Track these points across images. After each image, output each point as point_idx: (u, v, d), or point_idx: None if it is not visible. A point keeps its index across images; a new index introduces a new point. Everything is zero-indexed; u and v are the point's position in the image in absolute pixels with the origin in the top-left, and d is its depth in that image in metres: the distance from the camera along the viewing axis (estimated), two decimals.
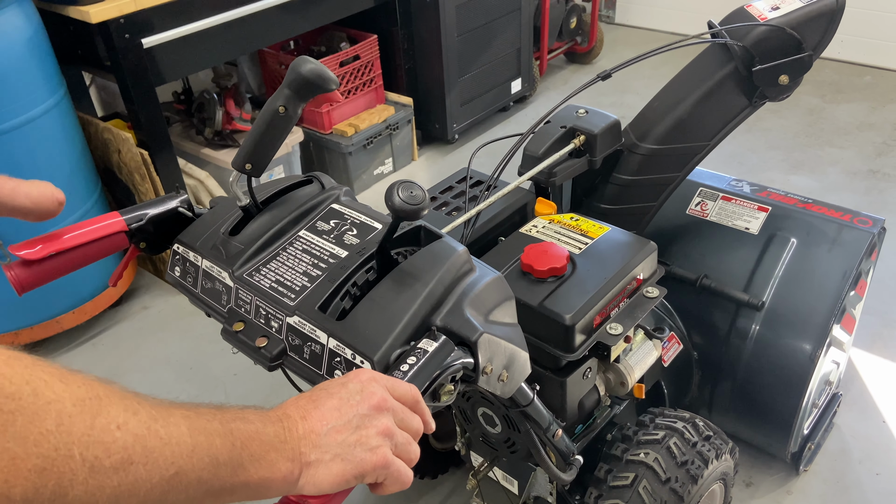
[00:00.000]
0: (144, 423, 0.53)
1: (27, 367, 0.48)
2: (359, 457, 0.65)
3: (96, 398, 0.51)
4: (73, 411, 0.48)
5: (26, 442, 0.45)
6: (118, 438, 0.50)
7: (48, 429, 0.46)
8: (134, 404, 0.54)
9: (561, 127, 1.52)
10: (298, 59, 0.89)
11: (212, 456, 0.57)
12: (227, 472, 0.58)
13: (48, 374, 0.49)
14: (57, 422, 0.47)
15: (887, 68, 4.00)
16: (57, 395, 0.48)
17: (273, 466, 0.61)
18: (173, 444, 0.54)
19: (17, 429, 0.45)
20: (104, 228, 0.93)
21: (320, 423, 0.65)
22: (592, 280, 1.26)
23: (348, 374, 0.72)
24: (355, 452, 0.65)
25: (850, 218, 1.67)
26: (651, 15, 4.78)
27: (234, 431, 0.59)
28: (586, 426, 1.45)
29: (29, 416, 0.46)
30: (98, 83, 3.10)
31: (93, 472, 0.48)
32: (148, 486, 0.52)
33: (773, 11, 1.41)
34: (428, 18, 3.19)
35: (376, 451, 0.66)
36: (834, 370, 1.84)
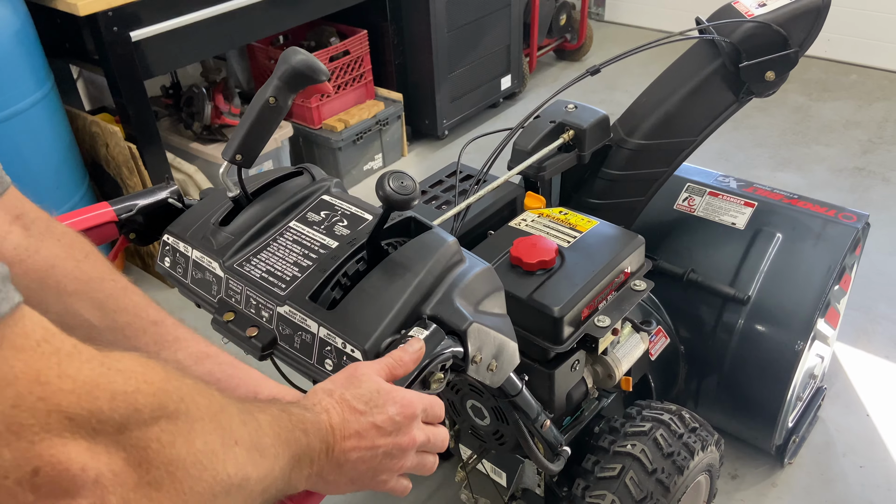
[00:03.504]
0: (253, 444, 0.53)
1: (176, 379, 0.48)
2: (367, 484, 0.67)
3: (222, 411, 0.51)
4: (210, 428, 0.49)
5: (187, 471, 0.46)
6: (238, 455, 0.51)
7: (199, 449, 0.47)
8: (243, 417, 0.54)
9: (550, 122, 1.53)
10: (289, 50, 0.89)
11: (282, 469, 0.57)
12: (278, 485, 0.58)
13: (188, 386, 0.49)
14: (203, 441, 0.47)
15: (873, 67, 4.04)
16: (200, 413, 0.48)
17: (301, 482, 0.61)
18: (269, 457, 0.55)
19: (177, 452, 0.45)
20: (93, 219, 0.93)
21: (354, 451, 0.64)
22: (581, 273, 1.27)
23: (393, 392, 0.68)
24: (365, 481, 0.67)
25: (835, 213, 1.69)
26: (640, 12, 4.80)
27: (290, 443, 0.59)
28: (574, 418, 1.47)
29: (185, 436, 0.46)
30: (85, 77, 3.08)
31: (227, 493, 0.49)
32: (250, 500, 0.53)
33: (760, 8, 1.42)
34: (418, 14, 3.20)
35: (386, 483, 0.69)
36: (818, 364, 1.86)
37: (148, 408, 0.43)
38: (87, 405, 0.39)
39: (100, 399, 0.40)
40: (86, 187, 2.43)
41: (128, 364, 0.44)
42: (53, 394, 0.38)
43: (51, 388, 0.38)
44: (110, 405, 0.40)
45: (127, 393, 0.42)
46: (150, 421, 0.43)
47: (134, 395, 0.42)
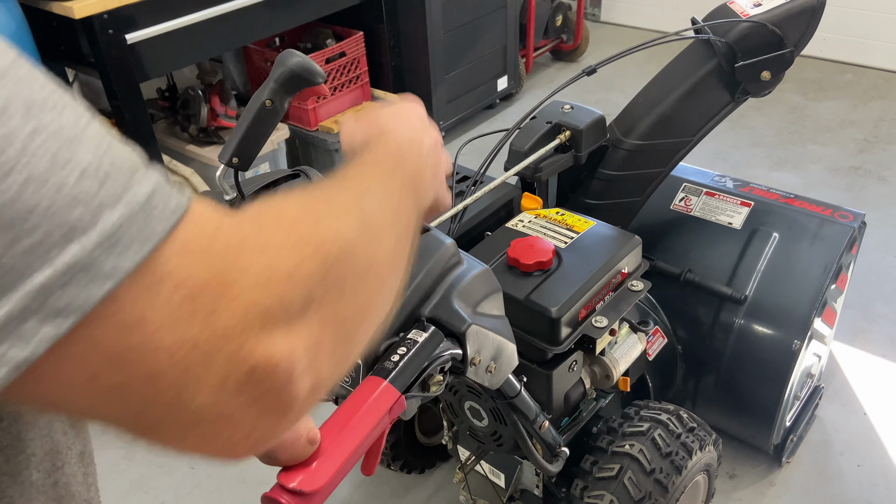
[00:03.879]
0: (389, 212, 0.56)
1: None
2: (436, 181, 0.73)
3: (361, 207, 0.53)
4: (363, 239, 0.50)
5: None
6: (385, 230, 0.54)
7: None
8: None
9: (546, 122, 1.53)
10: (285, 53, 0.89)
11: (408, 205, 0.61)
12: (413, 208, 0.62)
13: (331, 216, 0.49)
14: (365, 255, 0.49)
15: (868, 66, 4.05)
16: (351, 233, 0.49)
17: (428, 195, 0.69)
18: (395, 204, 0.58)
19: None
20: None
21: (429, 157, 0.72)
22: (578, 274, 1.27)
23: (408, 110, 0.76)
24: (435, 175, 0.73)
25: (831, 213, 1.70)
26: (636, 13, 4.81)
27: (405, 176, 0.63)
28: (572, 419, 1.47)
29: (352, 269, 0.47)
30: (81, 80, 3.08)
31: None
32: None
33: (756, 8, 1.43)
34: (414, 15, 3.20)
35: (442, 186, 0.76)
36: (815, 363, 1.86)
37: (317, 269, 0.43)
38: (273, 294, 0.40)
39: (279, 284, 0.40)
40: None
41: (282, 235, 0.43)
42: (241, 292, 0.38)
43: (237, 287, 0.38)
44: (290, 286, 0.41)
45: (298, 266, 0.42)
46: (324, 278, 0.44)
47: (302, 265, 0.42)
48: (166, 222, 0.36)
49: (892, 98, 3.74)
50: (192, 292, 0.36)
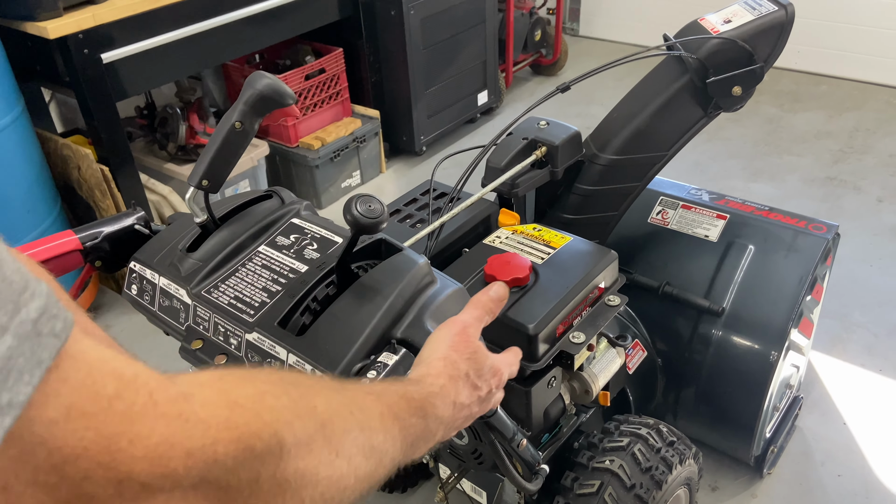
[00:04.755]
0: (363, 443, 0.55)
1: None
2: (461, 425, 0.74)
3: (326, 426, 0.51)
4: (308, 453, 0.48)
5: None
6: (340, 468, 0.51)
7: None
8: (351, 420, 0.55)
9: (522, 139, 1.53)
10: (254, 75, 0.89)
11: (392, 459, 0.60)
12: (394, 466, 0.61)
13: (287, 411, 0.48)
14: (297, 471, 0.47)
15: (843, 77, 4.12)
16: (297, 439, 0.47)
17: (419, 454, 0.66)
18: (379, 454, 0.57)
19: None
20: (58, 247, 0.92)
21: (461, 419, 0.73)
22: (555, 289, 1.27)
23: (496, 364, 0.79)
24: (460, 423, 0.74)
25: (805, 224, 1.72)
26: (614, 27, 4.86)
27: (410, 429, 0.62)
28: (552, 435, 1.46)
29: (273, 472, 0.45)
30: (58, 98, 3.06)
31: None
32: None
33: (726, 24, 1.45)
34: (393, 31, 3.21)
35: (471, 418, 0.77)
36: (794, 374, 1.87)
37: (230, 457, 0.40)
38: (160, 469, 0.37)
39: (174, 460, 0.37)
40: (58, 211, 2.40)
41: (210, 409, 0.40)
42: (124, 462, 0.36)
43: (122, 455, 0.36)
44: (185, 464, 0.38)
45: (204, 447, 0.39)
46: (232, 468, 0.41)
47: (213, 447, 0.39)
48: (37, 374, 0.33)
49: (867, 109, 3.80)
50: (66, 459, 0.34)
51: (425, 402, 0.66)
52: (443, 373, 0.71)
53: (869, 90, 3.99)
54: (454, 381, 0.71)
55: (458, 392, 0.71)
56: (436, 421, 0.67)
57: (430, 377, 0.70)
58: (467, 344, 0.75)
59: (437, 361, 0.72)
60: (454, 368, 0.72)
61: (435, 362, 0.72)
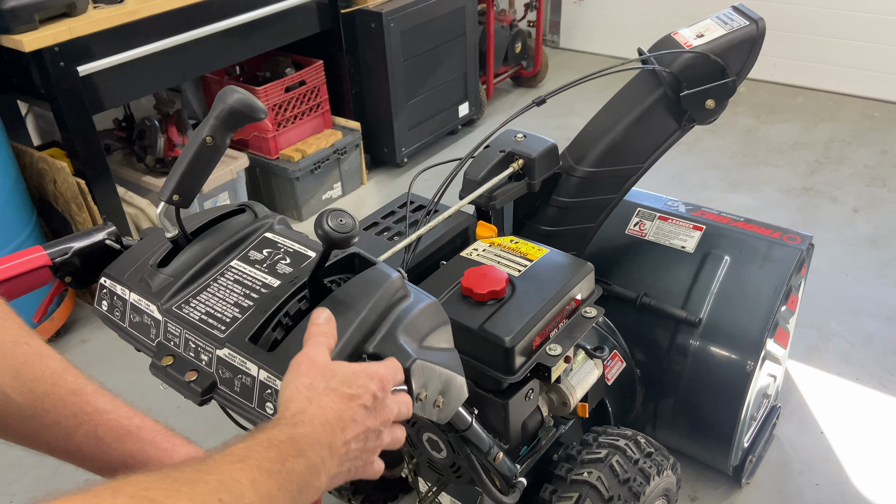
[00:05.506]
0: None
1: None
2: (361, 468, 0.69)
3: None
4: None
5: None
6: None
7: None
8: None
9: (500, 151, 1.54)
10: (225, 90, 0.88)
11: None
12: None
13: None
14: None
15: (818, 89, 4.18)
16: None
17: (318, 491, 0.62)
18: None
19: None
20: (26, 263, 0.90)
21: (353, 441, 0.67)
22: (531, 302, 1.27)
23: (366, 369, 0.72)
24: (360, 464, 0.68)
25: (780, 235, 1.73)
26: (593, 39, 4.91)
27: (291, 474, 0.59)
28: (531, 447, 1.46)
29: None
30: (36, 111, 3.03)
31: None
32: None
33: (698, 39, 1.46)
34: (373, 43, 3.22)
35: (375, 464, 0.70)
36: (771, 383, 1.89)
37: None
38: None
39: None
40: (33, 224, 2.37)
41: None
42: None
43: None
44: None
45: None
46: None
47: None
48: None
49: (842, 120, 3.87)
50: None
51: (294, 438, 0.62)
52: (299, 399, 0.66)
53: (844, 101, 4.05)
54: (316, 402, 0.66)
55: (325, 409, 0.66)
56: (317, 450, 0.62)
57: (289, 411, 0.65)
58: (315, 365, 0.70)
59: (291, 394, 0.67)
60: (310, 391, 0.67)
61: (289, 398, 0.67)
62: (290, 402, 0.66)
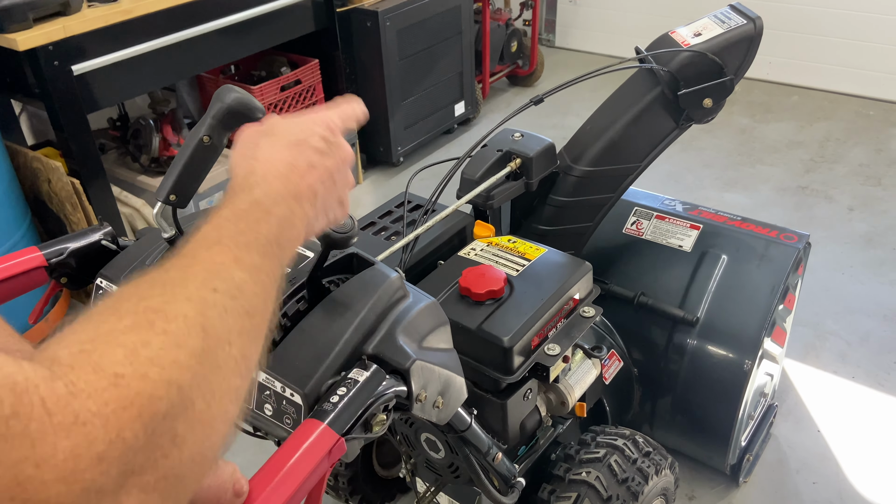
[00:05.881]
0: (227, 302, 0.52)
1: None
2: (333, 209, 0.70)
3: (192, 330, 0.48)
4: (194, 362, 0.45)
5: None
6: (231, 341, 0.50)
7: None
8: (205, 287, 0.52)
9: (497, 150, 1.54)
10: (223, 88, 0.88)
11: (269, 267, 0.58)
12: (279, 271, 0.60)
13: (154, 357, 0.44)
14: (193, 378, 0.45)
15: (813, 88, 4.19)
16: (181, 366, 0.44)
17: (299, 239, 0.64)
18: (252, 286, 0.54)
19: None
20: (21, 264, 0.89)
21: (317, 183, 0.66)
22: (529, 302, 1.27)
23: (309, 116, 0.72)
24: (332, 204, 0.70)
25: (777, 234, 1.74)
26: (589, 38, 4.91)
27: (268, 237, 0.59)
28: (529, 447, 1.46)
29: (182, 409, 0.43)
30: (30, 110, 3.01)
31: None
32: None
33: (696, 38, 1.46)
34: (369, 43, 3.21)
35: (343, 205, 0.72)
36: (768, 382, 1.89)
37: (139, 435, 0.39)
38: (78, 486, 0.35)
39: (87, 471, 0.35)
40: (28, 224, 2.36)
41: (98, 396, 0.38)
42: (39, 490, 0.34)
43: (34, 484, 0.34)
44: (101, 470, 0.36)
45: (112, 443, 0.37)
46: (146, 443, 0.39)
47: (119, 438, 0.37)
48: None
49: (837, 119, 3.87)
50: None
51: (256, 200, 0.61)
52: (245, 163, 0.66)
53: (839, 100, 4.06)
54: (263, 159, 0.65)
55: (275, 162, 0.65)
56: (282, 204, 0.62)
57: (239, 178, 0.64)
58: (255, 130, 0.70)
59: (236, 161, 0.67)
60: (254, 151, 0.66)
61: (235, 165, 0.67)
62: (237, 168, 0.66)
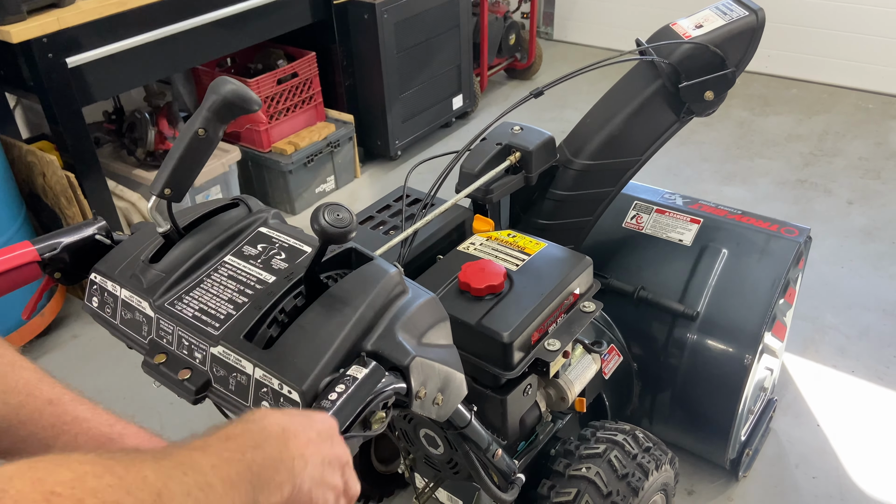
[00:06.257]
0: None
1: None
2: (322, 496, 0.64)
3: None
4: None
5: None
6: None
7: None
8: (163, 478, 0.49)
9: (496, 144, 1.52)
10: (218, 80, 0.86)
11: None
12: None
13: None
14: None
15: (812, 81, 4.18)
16: None
17: (279, 489, 0.59)
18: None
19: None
20: (14, 259, 0.88)
21: (306, 449, 0.63)
22: (529, 297, 1.26)
23: (312, 413, 0.69)
24: (316, 497, 0.64)
25: (778, 228, 1.73)
26: (587, 31, 4.88)
27: (251, 464, 0.57)
28: (529, 443, 1.45)
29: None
30: (24, 104, 2.99)
31: None
32: None
33: (697, 30, 1.45)
34: (366, 35, 3.19)
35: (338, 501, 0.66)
36: (768, 376, 1.88)
37: None
38: None
39: None
40: (22, 219, 2.33)
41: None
42: None
43: None
44: None
45: None
46: None
47: None
48: None
49: (836, 112, 3.86)
50: None
51: (250, 431, 0.60)
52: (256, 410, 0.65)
53: (838, 94, 4.05)
54: (273, 408, 0.65)
55: (284, 414, 0.64)
56: (273, 444, 0.61)
57: (247, 414, 0.64)
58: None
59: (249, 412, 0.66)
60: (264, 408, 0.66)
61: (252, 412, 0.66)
62: (246, 414, 0.64)
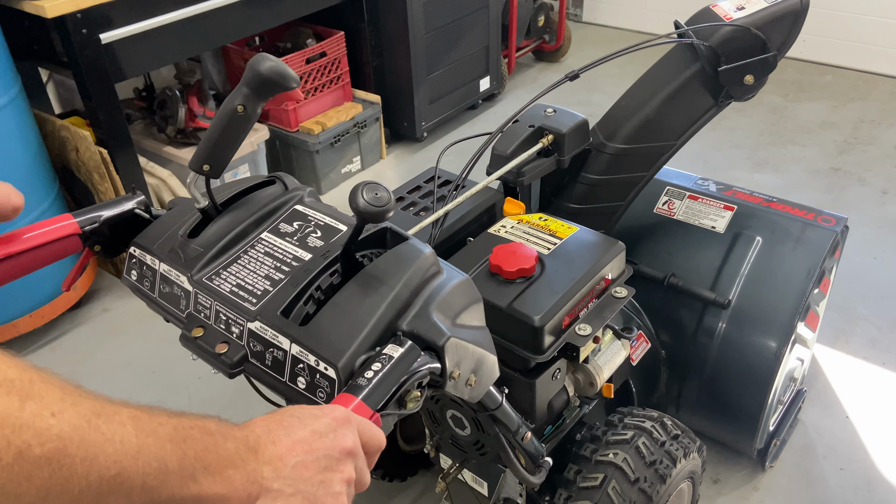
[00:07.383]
0: (85, 416, 0.49)
1: None
2: (320, 500, 0.63)
3: (29, 381, 0.47)
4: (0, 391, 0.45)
5: None
6: (52, 426, 0.47)
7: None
8: (74, 396, 0.50)
9: (529, 126, 1.51)
10: (257, 57, 0.86)
11: (160, 461, 0.53)
12: (176, 482, 0.55)
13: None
14: None
15: (848, 67, 4.08)
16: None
17: (230, 483, 0.58)
18: (116, 441, 0.51)
19: None
20: (56, 231, 0.89)
21: (289, 453, 0.62)
22: (561, 281, 1.25)
23: (322, 406, 0.68)
24: (317, 494, 0.63)
25: (814, 216, 1.69)
26: (618, 14, 4.81)
27: (188, 440, 0.56)
28: (556, 427, 1.45)
29: None
30: (56, 79, 3.02)
31: (20, 458, 0.45)
32: (84, 484, 0.48)
33: (739, 11, 1.42)
34: (395, 15, 3.17)
35: (338, 497, 0.64)
36: (798, 367, 1.86)
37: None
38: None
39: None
40: (55, 193, 2.37)
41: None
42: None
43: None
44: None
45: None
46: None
47: None
48: None
49: (871, 99, 3.77)
50: None
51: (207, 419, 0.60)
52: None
53: (873, 80, 3.95)
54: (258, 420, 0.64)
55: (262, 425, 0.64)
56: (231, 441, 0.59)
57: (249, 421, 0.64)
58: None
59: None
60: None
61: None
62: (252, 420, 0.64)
